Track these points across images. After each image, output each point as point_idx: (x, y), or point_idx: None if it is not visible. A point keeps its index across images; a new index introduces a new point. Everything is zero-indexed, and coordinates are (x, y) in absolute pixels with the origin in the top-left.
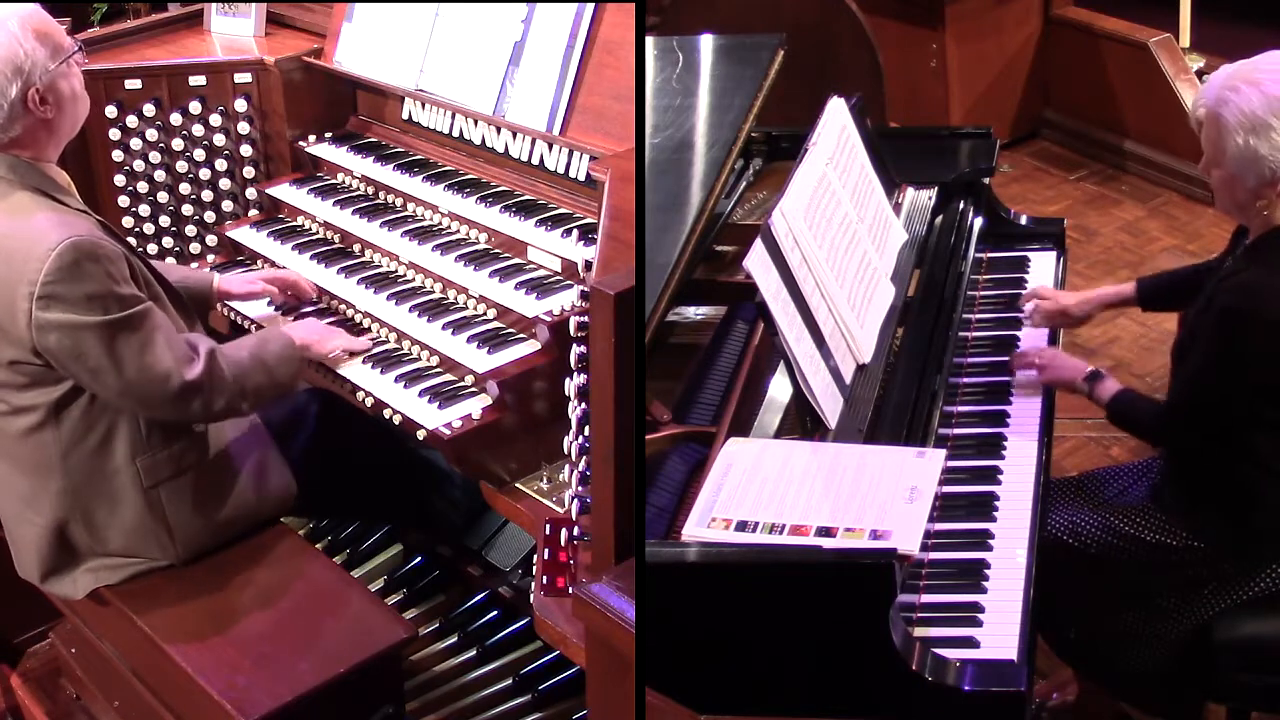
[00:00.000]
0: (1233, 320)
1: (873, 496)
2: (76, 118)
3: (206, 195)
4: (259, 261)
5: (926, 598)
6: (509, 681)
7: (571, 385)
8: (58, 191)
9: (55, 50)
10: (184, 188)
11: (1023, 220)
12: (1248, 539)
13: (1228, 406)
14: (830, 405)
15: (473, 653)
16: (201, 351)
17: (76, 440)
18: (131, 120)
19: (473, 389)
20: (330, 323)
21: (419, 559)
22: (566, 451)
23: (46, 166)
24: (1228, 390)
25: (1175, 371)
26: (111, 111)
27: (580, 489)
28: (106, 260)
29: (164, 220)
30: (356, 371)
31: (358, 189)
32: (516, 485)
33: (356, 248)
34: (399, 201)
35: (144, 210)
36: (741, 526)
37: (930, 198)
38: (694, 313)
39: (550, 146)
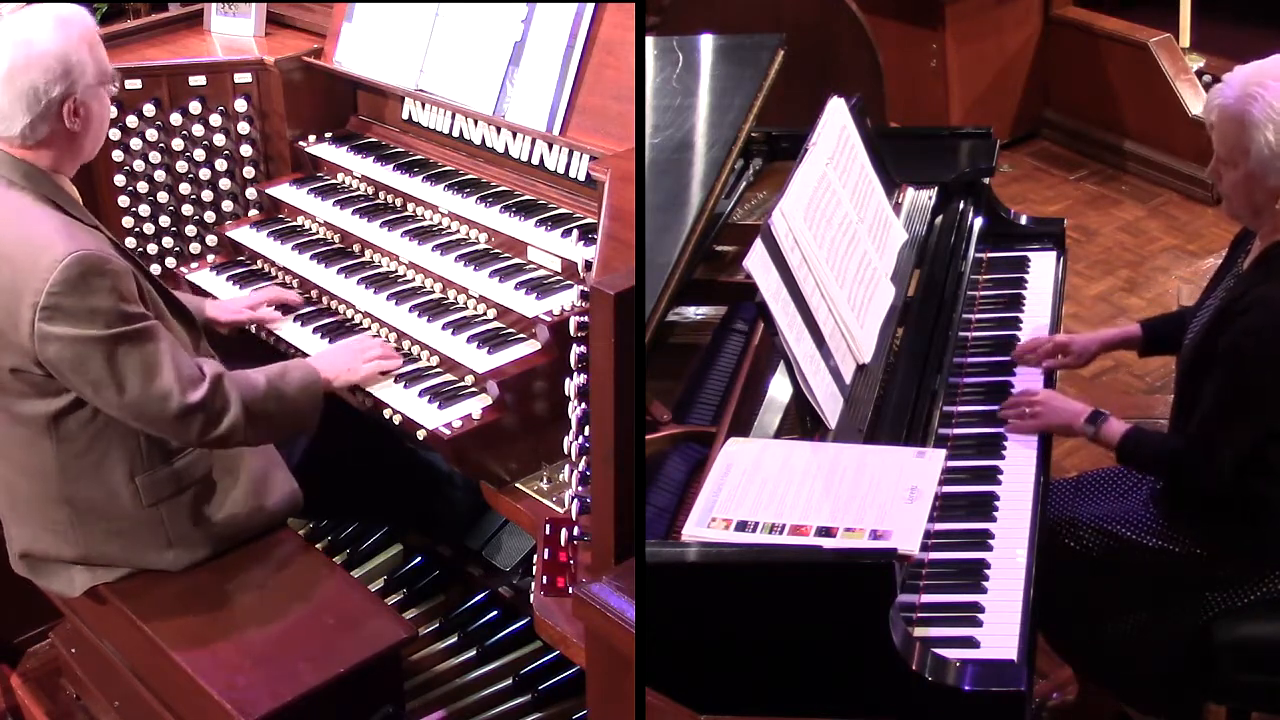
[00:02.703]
0: (1250, 340)
1: (873, 496)
2: (97, 142)
3: (206, 195)
4: (259, 261)
5: (926, 598)
6: (509, 681)
7: (571, 385)
8: (69, 205)
9: (101, 70)
10: (184, 188)
11: (1023, 220)
12: (1252, 546)
13: (1248, 436)
14: (830, 405)
15: (473, 653)
16: (208, 373)
17: (75, 455)
18: (131, 120)
19: (473, 389)
20: (330, 324)
21: (419, 559)
22: (566, 451)
23: (60, 179)
24: (1249, 418)
25: (1181, 390)
26: (112, 111)
27: (580, 489)
28: (114, 276)
29: (164, 220)
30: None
31: (358, 189)
32: (516, 485)
33: (356, 248)
34: (399, 201)
35: (144, 210)
36: (741, 526)
37: (930, 198)
38: (694, 313)
39: (550, 146)
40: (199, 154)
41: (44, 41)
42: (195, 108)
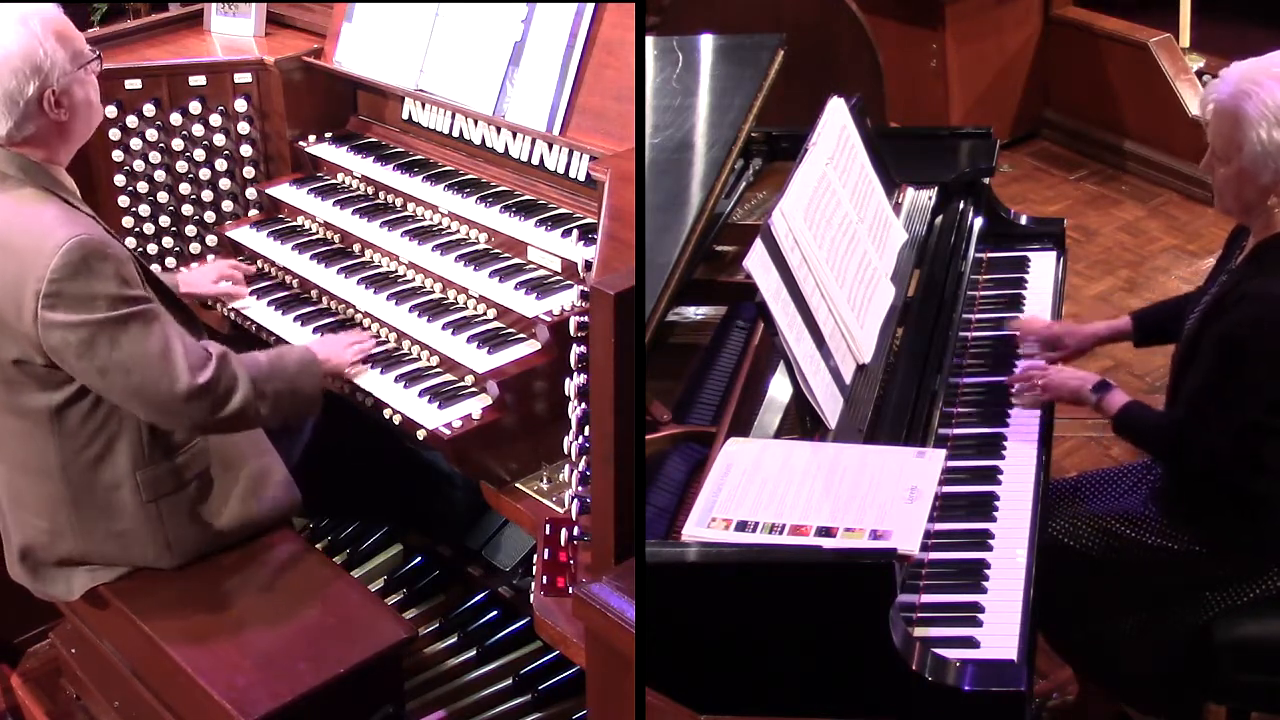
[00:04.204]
0: (1244, 332)
1: (873, 496)
2: (90, 124)
3: (206, 195)
4: (259, 261)
5: (926, 598)
6: (509, 681)
7: (571, 385)
8: (67, 195)
9: (75, 55)
10: (184, 188)
11: (1023, 220)
12: (1250, 545)
13: (1239, 420)
14: (830, 405)
15: (473, 653)
16: (214, 353)
17: (77, 449)
18: (131, 120)
19: (473, 389)
20: (330, 324)
21: (419, 559)
22: (566, 451)
23: (56, 170)
24: (1240, 403)
25: (1175, 381)
26: (111, 111)
27: (580, 489)
28: (115, 260)
29: (164, 220)
30: (357, 371)
31: (358, 189)
32: (516, 485)
33: (356, 248)
34: (399, 201)
35: (144, 210)
36: (741, 526)
37: (930, 198)
38: (694, 313)
39: (550, 146)
40: (199, 154)
41: (5, 45)
42: (195, 108)
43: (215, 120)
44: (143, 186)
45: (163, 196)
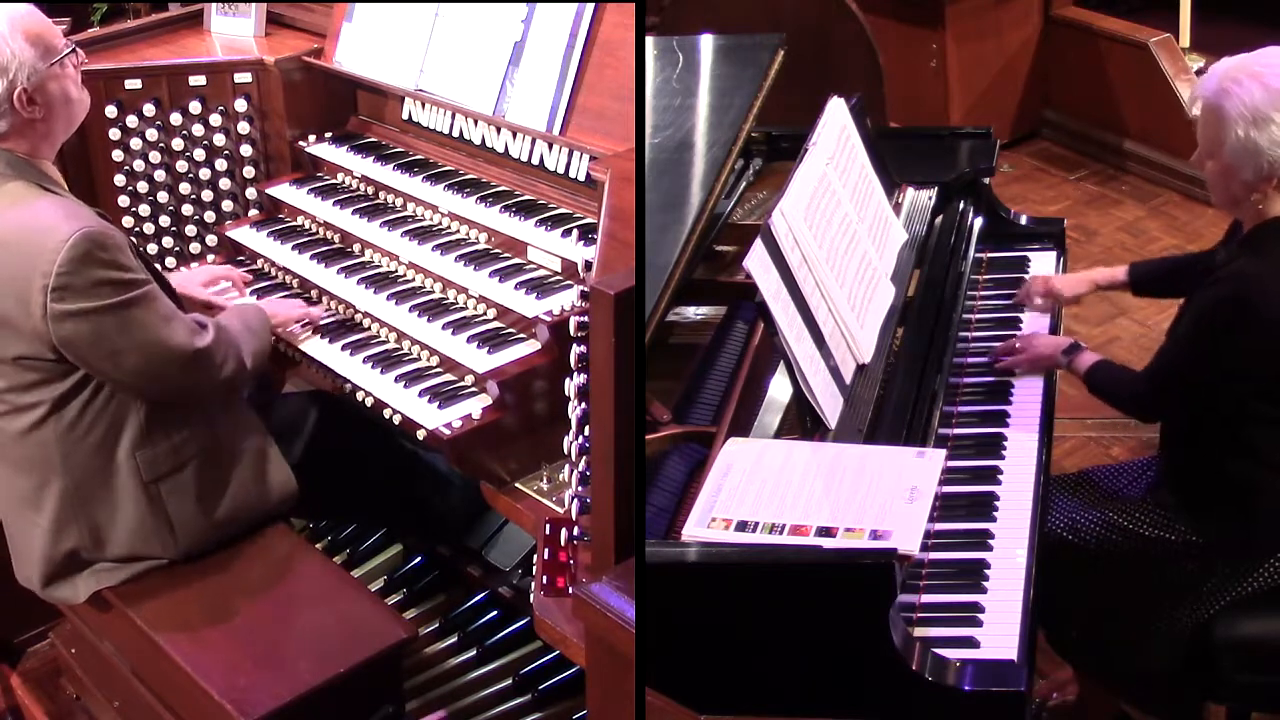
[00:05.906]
0: (1225, 311)
1: (873, 496)
2: (71, 119)
3: (206, 195)
4: (259, 261)
5: (926, 598)
6: (509, 681)
7: (571, 385)
8: (54, 187)
9: (46, 51)
10: (184, 188)
11: (1023, 220)
12: (1246, 534)
13: (1205, 391)
14: (830, 405)
15: (473, 653)
16: (208, 322)
17: (78, 437)
18: (131, 120)
19: (473, 389)
20: (330, 323)
21: (419, 559)
22: (566, 451)
23: (41, 163)
24: (1211, 375)
25: None
26: (111, 111)
27: (580, 489)
28: (116, 247)
29: (164, 220)
30: (356, 371)
31: (358, 189)
32: (516, 485)
33: (356, 248)
34: (399, 201)
35: (144, 210)
36: (741, 526)
37: (930, 198)
38: (694, 313)
39: (550, 146)
40: (199, 154)
41: None
42: (195, 108)
43: (215, 120)
44: (143, 186)
45: (163, 196)
